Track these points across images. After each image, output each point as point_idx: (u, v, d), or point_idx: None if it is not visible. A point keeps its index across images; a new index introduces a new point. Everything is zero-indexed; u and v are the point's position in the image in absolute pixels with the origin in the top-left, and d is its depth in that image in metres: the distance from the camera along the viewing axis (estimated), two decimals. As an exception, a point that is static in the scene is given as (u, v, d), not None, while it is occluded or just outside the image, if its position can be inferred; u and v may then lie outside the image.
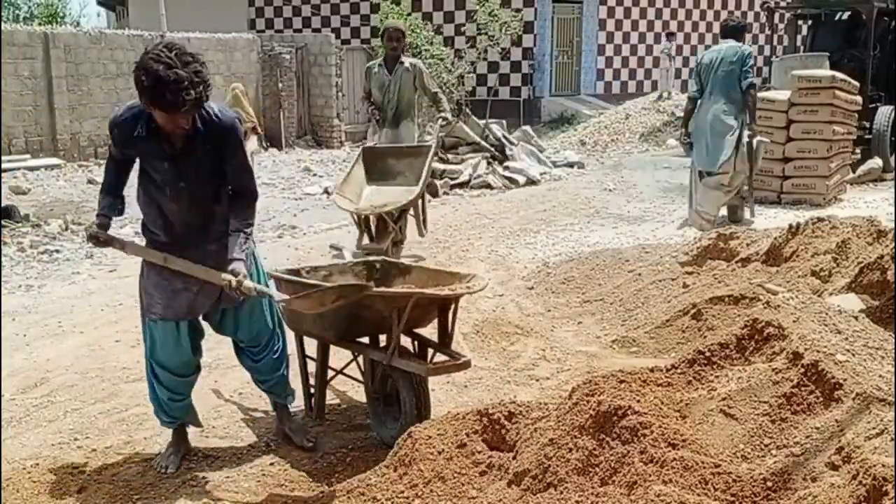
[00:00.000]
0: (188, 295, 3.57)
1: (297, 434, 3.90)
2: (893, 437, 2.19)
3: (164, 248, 3.51)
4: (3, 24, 14.11)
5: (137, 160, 3.52)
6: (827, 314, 2.90)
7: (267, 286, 3.65)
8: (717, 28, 23.37)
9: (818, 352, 2.58)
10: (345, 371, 4.24)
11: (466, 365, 3.95)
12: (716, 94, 8.00)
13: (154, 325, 3.61)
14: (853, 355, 2.63)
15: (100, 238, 3.54)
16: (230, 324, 3.74)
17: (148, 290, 3.60)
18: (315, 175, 13.47)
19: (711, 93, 8.03)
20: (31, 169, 13.12)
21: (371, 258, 4.62)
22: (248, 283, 3.42)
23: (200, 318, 3.71)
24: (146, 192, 3.51)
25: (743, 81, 7.91)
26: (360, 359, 4.13)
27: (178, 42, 3.35)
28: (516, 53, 19.48)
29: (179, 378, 3.71)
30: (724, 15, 23.65)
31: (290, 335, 4.07)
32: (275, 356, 3.86)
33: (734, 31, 8.23)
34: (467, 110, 13.68)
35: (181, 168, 3.41)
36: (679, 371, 2.85)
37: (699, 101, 8.18)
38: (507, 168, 12.42)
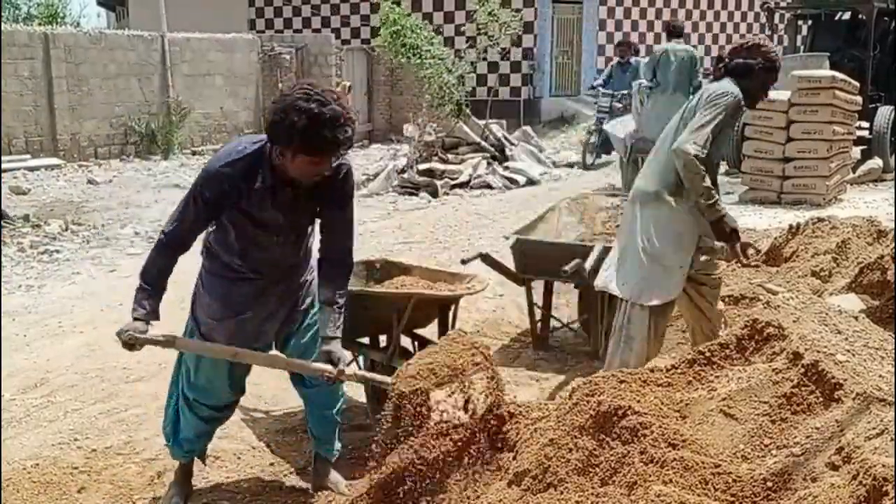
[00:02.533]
0: (254, 323, 3.22)
1: (339, 485, 3.48)
2: (893, 437, 2.19)
3: (236, 276, 3.17)
4: (3, 24, 14.11)
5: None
6: (827, 314, 2.90)
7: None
8: (717, 28, 23.40)
9: (818, 352, 2.58)
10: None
11: (466, 365, 3.94)
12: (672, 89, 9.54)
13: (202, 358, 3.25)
14: (853, 355, 2.63)
15: (139, 342, 3.00)
16: (297, 347, 3.33)
17: (209, 314, 3.22)
18: (315, 175, 13.47)
19: (668, 88, 9.65)
20: (31, 169, 13.12)
21: (371, 258, 4.61)
22: (349, 369, 3.15)
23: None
24: (230, 242, 3.14)
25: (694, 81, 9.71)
26: (360, 359, 4.13)
27: (313, 81, 3.03)
28: (516, 53, 19.47)
29: (216, 412, 3.38)
30: (724, 15, 23.67)
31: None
32: (330, 388, 3.37)
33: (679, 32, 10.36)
34: (467, 110, 13.67)
35: (293, 217, 3.10)
36: (679, 371, 2.85)
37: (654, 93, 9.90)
38: (507, 168, 12.42)
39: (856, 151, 10.91)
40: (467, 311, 5.61)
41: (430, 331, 4.04)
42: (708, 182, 3.71)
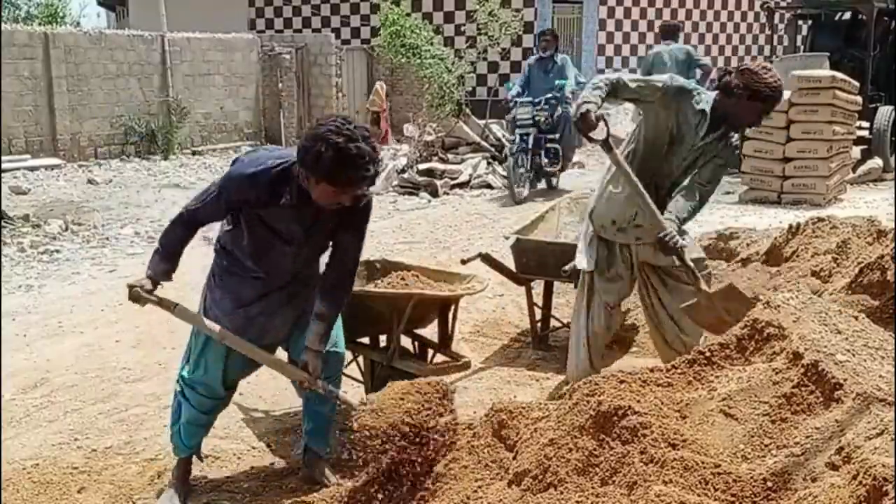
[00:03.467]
0: (263, 321, 3.32)
1: (330, 478, 3.54)
2: (893, 437, 2.19)
3: (244, 276, 3.27)
4: (3, 24, 14.11)
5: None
6: (827, 314, 2.89)
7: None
8: (717, 28, 23.40)
9: (818, 352, 2.58)
10: (345, 371, 4.24)
11: (466, 366, 3.96)
12: None
13: (210, 344, 3.34)
14: (853, 355, 2.63)
15: (142, 298, 3.16)
16: (300, 346, 3.38)
17: (219, 308, 3.32)
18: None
19: None
20: (31, 169, 13.12)
21: (371, 258, 4.62)
22: (320, 383, 3.24)
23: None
24: (244, 245, 3.23)
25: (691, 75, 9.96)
26: (361, 359, 4.13)
27: (348, 115, 3.09)
28: (516, 53, 19.47)
29: (208, 399, 3.44)
30: (724, 15, 23.67)
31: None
32: (337, 390, 3.46)
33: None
34: (467, 110, 13.67)
35: (312, 233, 3.21)
36: (679, 371, 2.85)
37: None
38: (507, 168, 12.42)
39: (856, 151, 10.91)
40: (467, 312, 5.62)
41: (430, 331, 4.04)
42: (598, 99, 3.65)
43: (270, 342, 3.40)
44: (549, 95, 10.24)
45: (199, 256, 3.69)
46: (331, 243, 3.28)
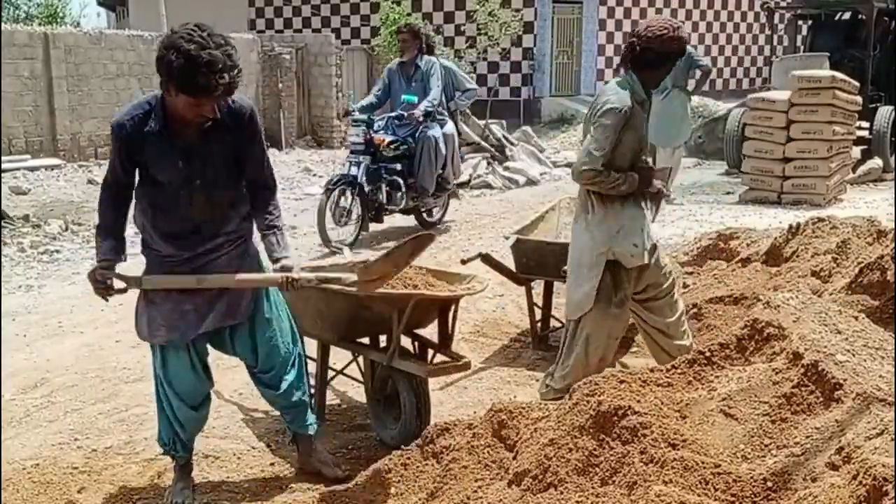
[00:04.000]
0: (197, 315, 3.27)
1: (327, 466, 3.60)
2: (893, 437, 2.19)
3: (174, 264, 3.22)
4: (3, 24, 14.11)
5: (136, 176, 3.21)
6: (827, 314, 2.89)
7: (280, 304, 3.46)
8: (717, 28, 23.39)
9: (818, 352, 2.58)
10: (345, 371, 4.25)
11: (466, 366, 3.95)
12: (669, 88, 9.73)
13: (164, 351, 3.35)
14: (853, 355, 2.63)
15: (108, 284, 3.13)
16: (245, 343, 3.41)
17: (148, 314, 3.28)
18: (315, 175, 13.48)
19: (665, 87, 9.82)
20: (31, 169, 13.11)
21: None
22: (304, 274, 3.25)
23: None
24: (152, 203, 3.20)
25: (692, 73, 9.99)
26: (361, 359, 4.13)
27: (207, 24, 3.04)
28: (516, 54, 19.48)
29: (191, 410, 3.43)
30: (724, 15, 23.67)
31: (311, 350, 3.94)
32: (290, 378, 3.50)
33: None
34: (467, 110, 13.66)
35: (196, 165, 3.12)
36: (679, 371, 2.85)
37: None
38: (507, 168, 12.42)
39: (856, 151, 10.92)
40: (467, 311, 5.62)
41: (430, 331, 4.04)
42: (612, 175, 3.78)
43: (207, 329, 3.32)
44: (395, 114, 8.10)
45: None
46: (244, 191, 3.26)
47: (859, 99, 10.23)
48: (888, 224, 5.39)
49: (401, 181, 8.04)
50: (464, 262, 4.99)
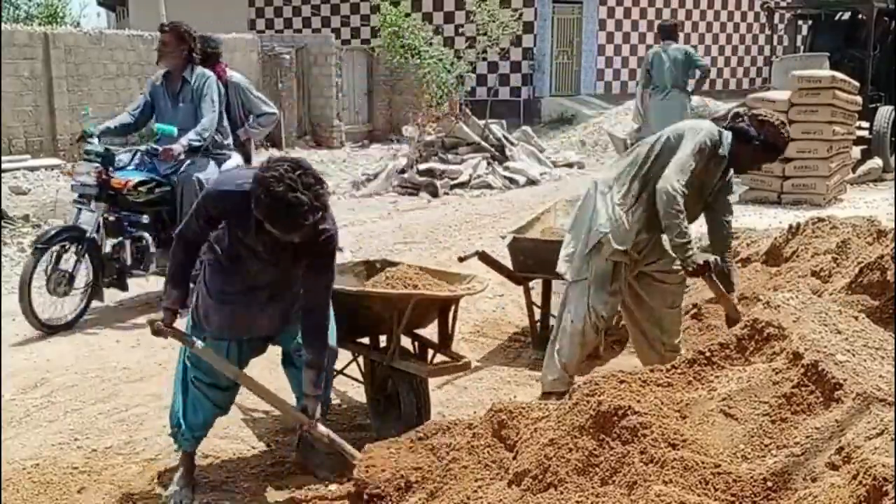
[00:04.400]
0: (248, 318, 3.41)
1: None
2: (893, 437, 2.19)
3: (227, 297, 3.37)
4: (3, 24, 14.11)
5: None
6: (827, 314, 2.89)
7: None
8: (717, 28, 23.39)
9: (818, 352, 2.58)
10: (345, 371, 4.24)
11: (466, 366, 3.95)
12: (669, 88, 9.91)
13: (204, 341, 3.41)
14: (853, 355, 2.63)
15: (165, 334, 3.34)
16: (289, 334, 3.53)
17: (204, 308, 3.43)
18: (315, 175, 13.46)
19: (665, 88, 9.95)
20: (31, 169, 13.11)
21: (371, 258, 4.62)
22: (321, 428, 3.34)
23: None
24: (219, 255, 3.36)
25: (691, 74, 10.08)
26: (361, 359, 4.13)
27: (304, 161, 3.12)
28: (516, 54, 19.48)
29: (220, 392, 3.51)
30: (724, 15, 23.67)
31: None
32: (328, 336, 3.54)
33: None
34: (467, 110, 13.68)
35: (274, 254, 3.26)
36: (679, 371, 2.85)
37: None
38: (507, 168, 12.41)
39: (856, 151, 10.90)
40: (467, 312, 5.61)
41: (430, 331, 4.04)
42: (686, 223, 3.81)
43: (258, 335, 3.50)
44: (146, 148, 5.98)
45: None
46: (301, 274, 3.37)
47: (859, 99, 10.22)
48: (888, 224, 5.39)
49: (151, 236, 5.78)
50: (461, 259, 5.00)
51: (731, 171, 4.08)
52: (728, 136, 3.93)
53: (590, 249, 4.02)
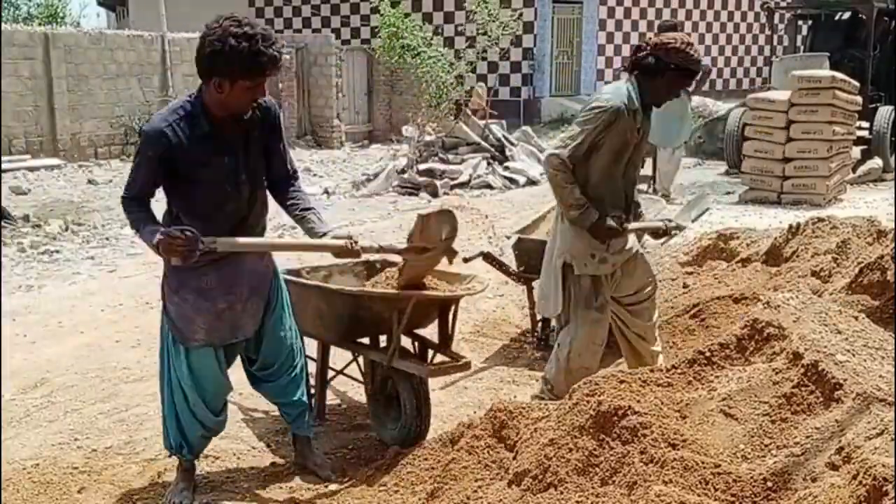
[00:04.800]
0: (232, 315, 3.32)
1: (323, 469, 3.62)
2: (893, 437, 2.19)
3: (206, 270, 3.21)
4: (3, 24, 14.11)
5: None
6: (827, 314, 2.89)
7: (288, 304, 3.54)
8: (717, 28, 23.39)
9: (818, 352, 2.58)
10: (345, 371, 4.24)
11: (467, 366, 3.95)
12: None
13: (190, 354, 3.32)
14: (853, 355, 2.63)
15: (192, 244, 2.99)
16: (252, 341, 3.46)
17: (184, 315, 3.27)
18: (315, 175, 13.48)
19: None
20: (31, 169, 13.12)
21: (372, 258, 4.61)
22: (363, 241, 3.32)
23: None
24: (191, 203, 3.20)
25: None
26: (361, 359, 4.13)
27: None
28: (516, 54, 19.47)
29: (213, 416, 3.43)
30: (724, 15, 23.67)
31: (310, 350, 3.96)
32: (291, 376, 3.56)
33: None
34: (467, 111, 13.67)
35: (241, 159, 3.21)
36: (679, 371, 2.85)
37: None
38: (507, 168, 12.41)
39: (856, 151, 10.91)
40: (467, 312, 5.61)
41: (430, 331, 4.04)
42: (576, 193, 3.69)
43: (242, 337, 3.40)
44: None
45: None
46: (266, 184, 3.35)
47: (859, 99, 10.23)
48: (888, 224, 5.39)
49: None
50: (465, 260, 4.99)
51: (654, 110, 3.90)
52: (633, 87, 3.75)
53: (561, 280, 3.92)
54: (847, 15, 12.56)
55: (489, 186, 11.74)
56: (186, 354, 3.32)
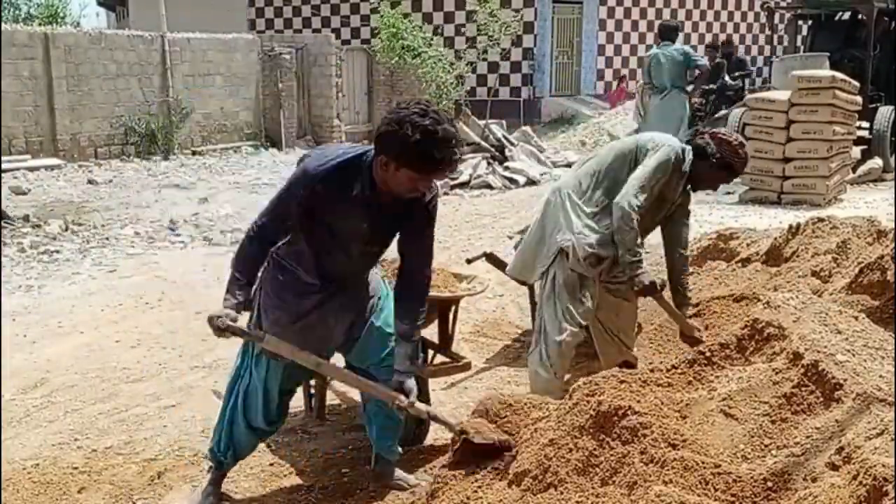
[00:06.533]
0: (320, 331, 3.21)
1: (401, 483, 3.46)
2: (893, 437, 2.19)
3: (308, 289, 3.16)
4: (3, 24, 14.11)
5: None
6: (827, 314, 2.89)
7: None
8: (717, 28, 23.39)
9: (818, 352, 2.58)
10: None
11: (467, 366, 3.95)
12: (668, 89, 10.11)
13: (260, 361, 3.25)
14: (853, 355, 2.63)
15: (229, 332, 2.98)
16: (359, 349, 3.35)
17: (274, 322, 3.17)
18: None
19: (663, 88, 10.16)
20: (31, 169, 13.12)
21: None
22: (419, 406, 3.14)
23: None
24: (320, 248, 3.11)
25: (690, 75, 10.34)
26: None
27: (427, 99, 3.03)
28: (516, 54, 19.48)
29: (268, 425, 3.37)
30: (724, 15, 23.67)
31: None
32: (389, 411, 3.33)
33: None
34: (467, 110, 13.68)
35: (377, 230, 3.09)
36: (679, 371, 2.85)
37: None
38: (507, 168, 12.42)
39: (856, 151, 10.90)
40: (467, 312, 5.62)
41: (430, 331, 4.04)
42: (640, 240, 3.83)
43: (329, 349, 3.32)
44: None
45: (198, 257, 3.69)
46: (400, 252, 3.21)
47: (859, 99, 10.22)
48: (888, 224, 5.39)
49: None
50: (469, 261, 5.00)
51: (690, 190, 4.06)
52: (689, 151, 3.93)
53: (553, 258, 3.95)
54: (847, 15, 12.56)
55: (489, 186, 11.74)
56: (267, 360, 3.25)
